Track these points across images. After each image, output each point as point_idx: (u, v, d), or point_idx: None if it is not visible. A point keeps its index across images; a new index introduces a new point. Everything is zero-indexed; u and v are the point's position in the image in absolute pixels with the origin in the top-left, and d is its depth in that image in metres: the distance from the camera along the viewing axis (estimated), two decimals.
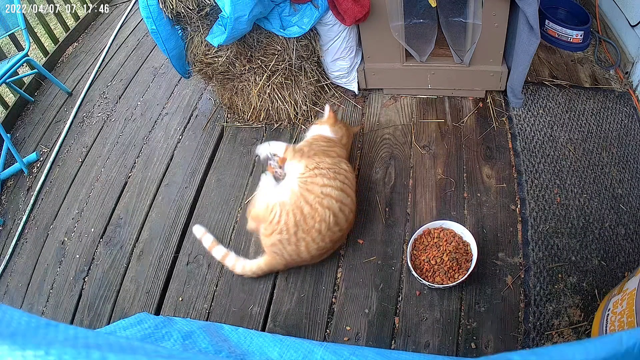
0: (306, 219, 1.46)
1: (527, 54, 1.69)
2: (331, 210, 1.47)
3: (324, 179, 1.52)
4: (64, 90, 2.76)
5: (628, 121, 1.85)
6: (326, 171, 1.54)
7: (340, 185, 1.52)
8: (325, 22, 1.83)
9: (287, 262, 1.53)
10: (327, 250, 1.54)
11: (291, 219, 1.46)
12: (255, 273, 1.57)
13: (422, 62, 1.92)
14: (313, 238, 1.46)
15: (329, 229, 1.47)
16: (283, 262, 1.53)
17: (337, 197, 1.50)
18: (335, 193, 1.50)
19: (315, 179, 1.52)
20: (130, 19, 3.29)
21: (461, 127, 1.93)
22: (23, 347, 0.41)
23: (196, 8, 1.70)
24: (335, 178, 1.52)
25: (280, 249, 1.49)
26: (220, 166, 2.01)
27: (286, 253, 1.49)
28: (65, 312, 1.72)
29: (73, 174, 2.24)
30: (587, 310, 1.37)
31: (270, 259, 1.54)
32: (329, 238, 1.49)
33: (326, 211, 1.46)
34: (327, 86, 2.15)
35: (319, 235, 1.47)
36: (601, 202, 1.61)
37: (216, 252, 1.63)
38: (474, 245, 1.47)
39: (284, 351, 1.25)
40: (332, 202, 1.48)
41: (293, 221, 1.45)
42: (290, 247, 1.47)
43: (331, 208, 1.47)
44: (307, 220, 1.46)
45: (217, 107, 2.28)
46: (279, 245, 1.48)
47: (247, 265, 1.57)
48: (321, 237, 1.47)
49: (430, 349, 1.37)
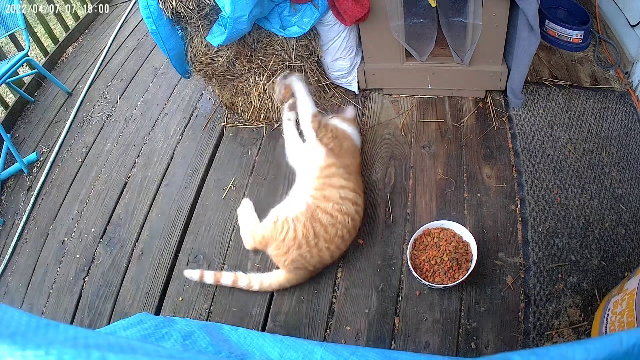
0: (327, 229, 1.46)
1: (527, 54, 1.69)
2: (350, 216, 1.50)
3: (341, 179, 1.53)
4: (64, 90, 2.76)
5: (628, 121, 1.85)
6: (342, 170, 1.55)
7: (353, 186, 1.55)
8: (325, 22, 1.83)
9: (311, 273, 1.52)
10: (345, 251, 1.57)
11: (310, 232, 1.45)
12: (274, 289, 1.53)
13: (422, 62, 1.92)
14: (337, 245, 1.49)
15: (349, 233, 1.51)
16: (307, 275, 1.51)
17: (352, 199, 1.52)
18: (351, 195, 1.52)
19: (332, 180, 1.52)
20: (130, 19, 3.29)
21: (461, 127, 1.93)
22: (23, 347, 0.41)
23: (196, 8, 1.70)
24: (349, 179, 1.54)
25: (303, 263, 1.47)
26: (220, 166, 2.01)
27: (310, 265, 1.48)
28: (65, 312, 1.72)
29: (73, 174, 2.24)
30: (587, 310, 1.37)
31: (291, 276, 1.50)
32: (349, 241, 1.54)
33: (345, 217, 1.48)
34: (327, 86, 2.15)
35: (343, 241, 1.50)
36: (601, 202, 1.61)
37: (224, 280, 1.56)
38: (474, 245, 1.47)
39: (284, 351, 1.25)
40: (350, 207, 1.51)
41: (312, 233, 1.45)
42: (314, 258, 1.47)
43: (349, 214, 1.50)
44: (328, 229, 1.46)
45: (217, 107, 2.28)
46: (300, 260, 1.46)
47: (265, 281, 1.52)
48: (344, 243, 1.51)
49: (430, 349, 1.37)
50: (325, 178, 1.55)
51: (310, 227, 1.45)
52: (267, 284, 1.52)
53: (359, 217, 1.55)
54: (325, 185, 1.53)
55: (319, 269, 1.53)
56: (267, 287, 1.52)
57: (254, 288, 1.53)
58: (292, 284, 1.53)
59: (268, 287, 1.52)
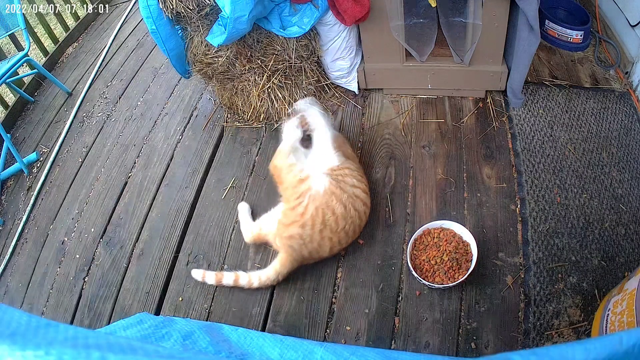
0: (338, 220, 1.44)
1: (527, 54, 1.69)
2: (359, 214, 1.50)
3: (354, 180, 1.53)
4: (64, 90, 2.76)
5: (628, 121, 1.85)
6: (356, 172, 1.56)
7: (365, 187, 1.55)
8: (325, 22, 1.83)
9: (304, 259, 1.49)
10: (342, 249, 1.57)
11: (319, 216, 1.42)
12: (274, 280, 1.51)
13: (422, 62, 1.92)
14: (340, 239, 1.48)
15: (354, 231, 1.51)
16: (300, 258, 1.48)
17: (364, 200, 1.53)
18: (363, 196, 1.53)
19: (346, 179, 1.52)
20: (130, 19, 3.29)
21: (461, 127, 1.93)
22: (23, 347, 0.41)
23: (196, 8, 1.70)
24: (361, 181, 1.55)
25: (300, 244, 1.45)
26: (220, 166, 2.01)
27: (306, 250, 1.46)
28: (65, 312, 1.72)
29: (73, 174, 2.24)
30: (587, 310, 1.37)
31: (285, 257, 1.48)
32: (351, 238, 1.53)
33: (356, 214, 1.49)
34: (327, 86, 2.15)
35: (346, 237, 1.49)
36: (601, 202, 1.61)
37: (226, 280, 1.56)
38: (474, 245, 1.47)
39: (284, 351, 1.25)
40: (360, 205, 1.51)
41: (321, 219, 1.42)
42: (312, 244, 1.45)
43: (359, 210, 1.50)
44: (338, 221, 1.44)
45: (217, 107, 2.28)
46: (297, 239, 1.44)
47: (263, 275, 1.51)
48: (347, 238, 1.51)
49: (430, 349, 1.37)
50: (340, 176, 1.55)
51: (322, 213, 1.43)
52: (265, 277, 1.51)
53: (365, 217, 1.56)
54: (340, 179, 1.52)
55: (314, 257, 1.51)
56: (265, 281, 1.51)
57: (255, 285, 1.52)
58: (288, 269, 1.50)
59: (267, 280, 1.51)
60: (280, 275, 1.51)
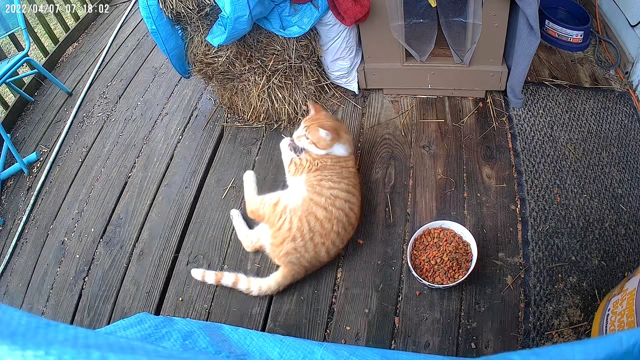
0: (323, 224, 1.45)
1: (527, 54, 1.69)
2: (343, 211, 1.49)
3: (330, 182, 1.53)
4: (64, 90, 2.76)
5: (628, 121, 1.85)
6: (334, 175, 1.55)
7: (345, 187, 1.54)
8: (325, 22, 1.83)
9: (307, 269, 1.51)
10: (342, 249, 1.57)
11: (305, 225, 1.45)
12: (274, 290, 1.51)
13: (422, 62, 1.92)
14: (333, 241, 1.48)
15: (345, 229, 1.50)
16: (302, 270, 1.50)
17: (345, 197, 1.52)
18: (343, 194, 1.52)
19: (322, 182, 1.52)
20: (130, 19, 3.29)
21: (461, 127, 1.93)
22: (23, 347, 0.41)
23: (196, 8, 1.70)
24: (340, 182, 1.54)
25: (298, 257, 1.47)
26: (220, 166, 2.01)
27: (305, 260, 1.47)
28: (65, 312, 1.72)
29: (73, 174, 2.24)
30: (587, 310, 1.37)
31: (286, 271, 1.50)
32: (345, 238, 1.53)
33: (340, 212, 1.48)
34: (327, 86, 2.15)
35: (338, 237, 1.49)
36: (601, 202, 1.61)
37: (225, 281, 1.55)
38: (474, 245, 1.47)
39: (284, 351, 1.25)
40: (343, 203, 1.50)
41: (307, 227, 1.45)
42: (309, 253, 1.46)
43: (343, 209, 1.50)
44: (324, 224, 1.46)
45: (217, 107, 2.28)
46: (294, 253, 1.46)
47: (264, 284, 1.50)
48: (340, 239, 1.50)
49: (430, 349, 1.37)
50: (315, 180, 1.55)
51: (306, 221, 1.45)
52: (265, 287, 1.50)
53: (353, 214, 1.54)
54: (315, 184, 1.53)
55: (315, 265, 1.52)
56: (266, 291, 1.51)
57: (253, 293, 1.52)
58: (290, 281, 1.51)
59: (267, 289, 1.51)
60: (281, 286, 1.51)
